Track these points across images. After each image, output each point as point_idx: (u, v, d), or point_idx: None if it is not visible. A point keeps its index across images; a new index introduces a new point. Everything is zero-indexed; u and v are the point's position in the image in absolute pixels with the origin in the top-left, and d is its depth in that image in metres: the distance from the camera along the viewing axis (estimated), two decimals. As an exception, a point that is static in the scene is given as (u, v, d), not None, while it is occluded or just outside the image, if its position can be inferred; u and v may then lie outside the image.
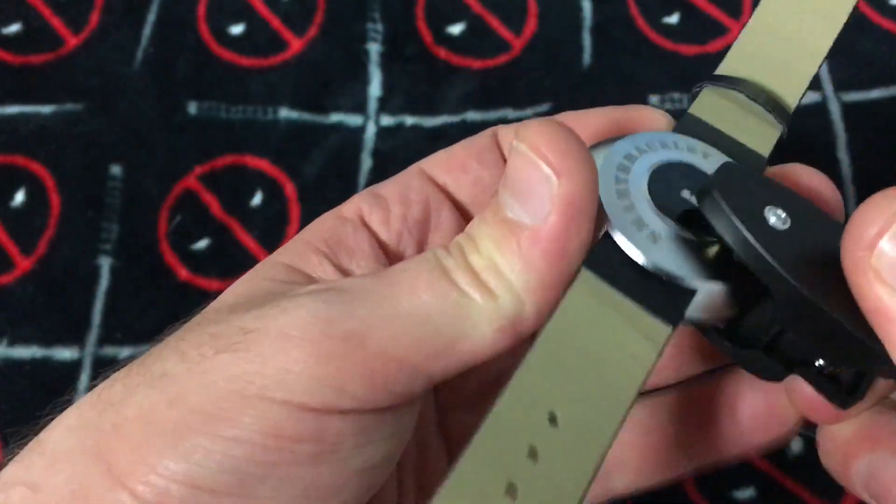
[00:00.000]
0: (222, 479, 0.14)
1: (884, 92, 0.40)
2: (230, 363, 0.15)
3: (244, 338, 0.15)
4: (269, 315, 0.15)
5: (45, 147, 0.40)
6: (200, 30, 0.43)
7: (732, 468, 0.33)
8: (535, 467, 0.14)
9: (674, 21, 0.43)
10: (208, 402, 0.14)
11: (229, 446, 0.14)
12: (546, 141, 0.15)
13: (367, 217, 0.19)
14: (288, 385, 0.14)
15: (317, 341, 0.14)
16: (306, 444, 0.14)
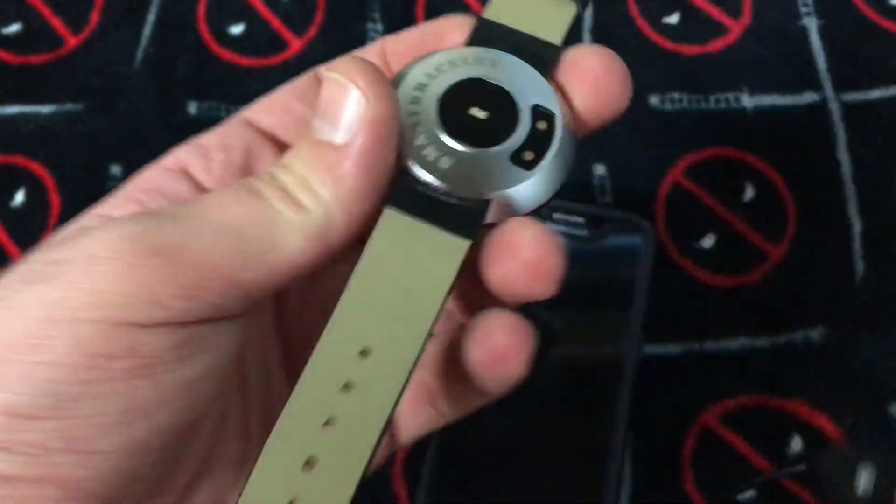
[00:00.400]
0: (40, 403, 0.14)
1: (884, 92, 0.40)
2: (41, 293, 0.15)
3: (54, 268, 0.15)
4: (78, 244, 0.15)
5: (45, 147, 0.40)
6: (200, 30, 0.43)
7: (732, 468, 0.33)
8: (348, 399, 0.16)
9: (674, 21, 0.43)
10: (21, 334, 0.15)
11: (44, 371, 0.14)
12: (355, 69, 0.17)
13: (189, 167, 0.19)
14: (98, 304, 0.14)
15: (126, 258, 0.15)
16: (120, 361, 0.15)
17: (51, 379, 0.14)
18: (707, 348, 0.35)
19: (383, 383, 0.16)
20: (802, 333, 0.35)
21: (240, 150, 0.20)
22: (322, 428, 0.16)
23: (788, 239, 0.37)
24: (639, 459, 0.34)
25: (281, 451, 0.15)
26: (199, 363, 0.16)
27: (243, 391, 0.19)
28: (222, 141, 0.20)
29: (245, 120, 0.20)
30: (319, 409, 0.16)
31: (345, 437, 0.16)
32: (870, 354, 0.35)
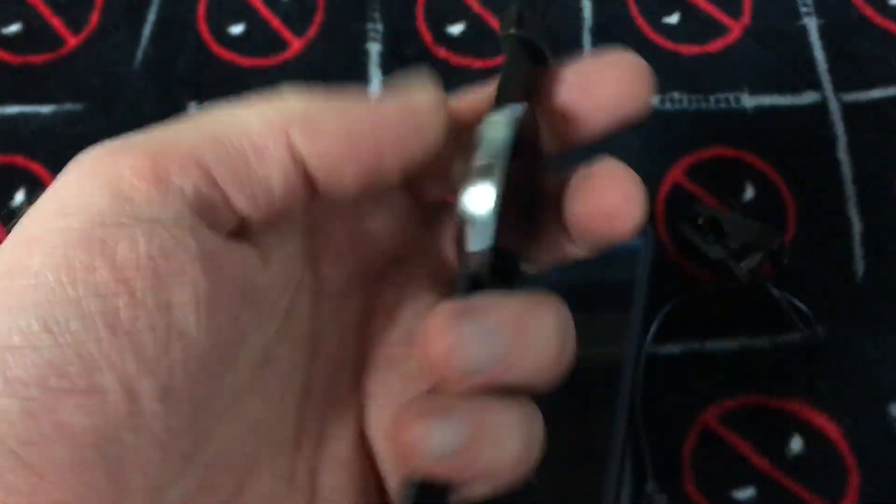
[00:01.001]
0: (25, 329, 0.14)
1: (884, 92, 0.40)
2: (25, 217, 0.15)
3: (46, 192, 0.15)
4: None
5: (44, 147, 0.40)
6: (200, 30, 0.43)
7: (732, 468, 0.33)
8: None
9: (674, 21, 0.43)
10: (5, 257, 0.14)
11: (23, 295, 0.14)
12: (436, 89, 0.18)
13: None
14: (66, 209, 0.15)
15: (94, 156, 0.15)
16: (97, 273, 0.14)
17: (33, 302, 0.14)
18: (707, 348, 0.35)
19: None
20: (802, 333, 0.35)
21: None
22: None
23: (788, 239, 0.37)
24: (639, 459, 0.34)
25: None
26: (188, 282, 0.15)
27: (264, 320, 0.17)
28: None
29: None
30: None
31: None
32: (870, 354, 0.35)
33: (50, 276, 0.14)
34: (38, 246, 0.14)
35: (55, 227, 0.14)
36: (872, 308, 0.36)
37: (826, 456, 0.33)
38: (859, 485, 0.33)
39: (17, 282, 0.14)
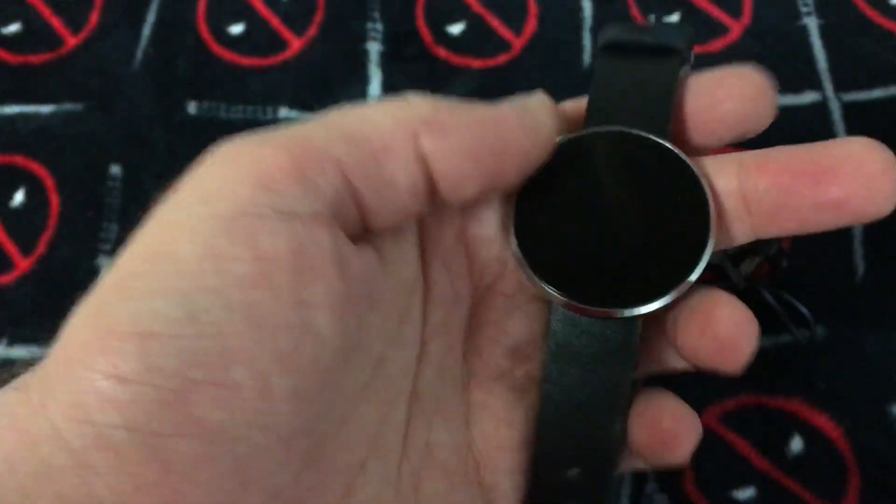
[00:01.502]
0: (171, 316, 0.14)
1: (884, 92, 0.40)
2: (167, 202, 0.15)
3: (184, 179, 0.15)
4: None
5: (44, 147, 0.40)
6: (200, 29, 0.43)
7: (732, 468, 0.33)
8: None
9: (674, 21, 0.42)
10: (147, 243, 0.14)
11: (168, 280, 0.14)
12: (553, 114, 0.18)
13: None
14: (211, 197, 0.14)
15: (234, 147, 0.15)
16: (244, 263, 0.14)
17: (179, 289, 0.14)
18: (707, 348, 0.35)
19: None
20: (804, 332, 0.35)
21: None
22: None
23: (789, 238, 0.37)
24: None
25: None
26: (322, 282, 0.14)
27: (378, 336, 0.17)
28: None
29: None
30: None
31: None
32: (871, 354, 0.35)
33: (194, 264, 0.14)
34: (181, 231, 0.14)
35: (198, 212, 0.14)
36: (873, 307, 0.36)
37: (826, 456, 0.33)
38: (860, 485, 0.33)
39: (161, 266, 0.14)
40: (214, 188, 0.14)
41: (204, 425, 0.13)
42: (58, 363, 0.14)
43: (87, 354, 0.14)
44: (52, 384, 0.14)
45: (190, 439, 0.13)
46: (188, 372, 0.13)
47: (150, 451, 0.13)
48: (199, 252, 0.14)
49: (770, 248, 0.33)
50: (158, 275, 0.14)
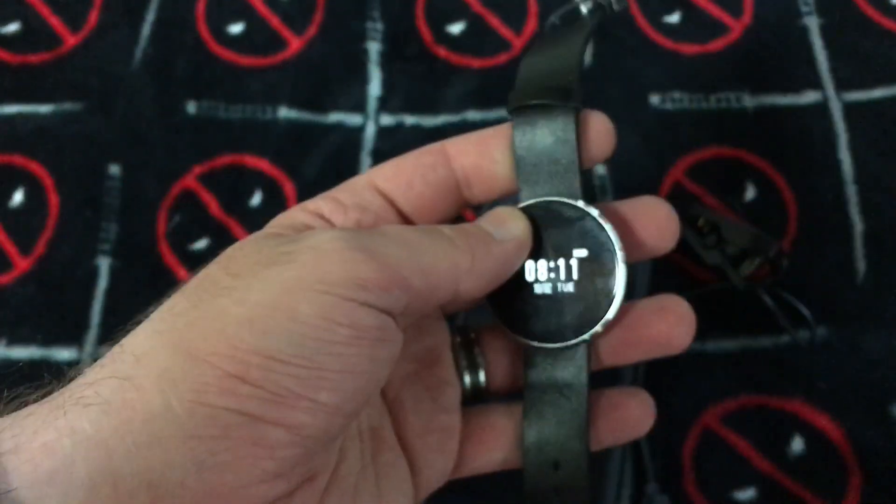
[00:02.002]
0: (291, 352, 0.19)
1: (885, 91, 0.40)
2: (281, 271, 0.19)
3: (288, 256, 0.20)
4: (302, 239, 0.20)
5: (43, 147, 0.40)
6: (199, 29, 0.43)
7: (733, 469, 0.33)
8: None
9: (674, 20, 0.42)
10: (270, 297, 0.19)
11: (295, 327, 0.19)
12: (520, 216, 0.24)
13: (327, 216, 0.23)
14: (327, 281, 0.19)
15: (343, 251, 0.20)
16: (344, 329, 0.19)
17: (300, 334, 0.19)
18: (708, 348, 0.35)
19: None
20: (804, 333, 0.35)
21: (372, 213, 0.24)
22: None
23: (789, 238, 0.37)
24: (639, 460, 0.34)
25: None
26: (386, 348, 0.21)
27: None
28: (359, 203, 0.24)
29: (374, 186, 0.24)
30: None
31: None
32: (871, 354, 0.35)
33: (311, 320, 0.19)
34: (303, 297, 0.19)
35: (318, 288, 0.19)
36: (874, 308, 0.36)
37: (827, 456, 0.33)
38: (860, 485, 0.33)
39: (286, 317, 0.19)
40: (330, 274, 0.20)
41: (296, 423, 0.19)
42: (175, 358, 0.18)
43: (216, 358, 0.18)
44: (171, 374, 0.18)
45: (282, 428, 0.18)
46: (293, 387, 0.19)
47: (253, 429, 0.18)
48: (316, 314, 0.19)
49: (770, 250, 0.33)
50: (281, 321, 0.19)
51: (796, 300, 0.35)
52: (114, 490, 0.17)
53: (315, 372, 0.19)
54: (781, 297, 0.35)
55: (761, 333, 0.35)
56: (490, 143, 0.25)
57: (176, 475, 0.17)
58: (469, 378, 0.26)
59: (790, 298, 0.35)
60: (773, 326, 0.35)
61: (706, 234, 0.35)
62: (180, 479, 0.17)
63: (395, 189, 0.24)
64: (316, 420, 0.19)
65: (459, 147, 0.25)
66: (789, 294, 0.35)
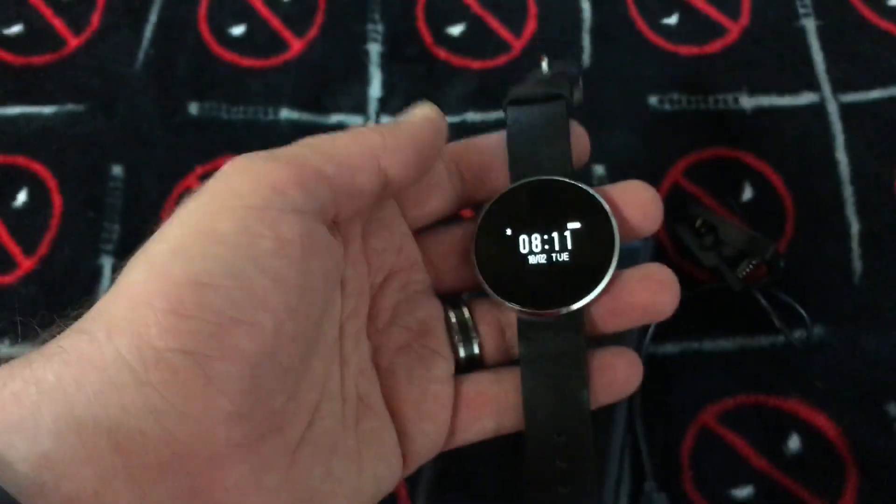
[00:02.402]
0: (216, 271, 0.19)
1: (882, 92, 0.40)
2: (197, 198, 0.20)
3: (201, 187, 0.21)
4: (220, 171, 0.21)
5: (46, 147, 0.40)
6: (201, 30, 0.43)
7: (730, 467, 0.34)
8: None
9: (673, 22, 0.43)
10: (191, 224, 0.20)
11: (215, 247, 0.19)
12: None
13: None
14: (242, 193, 0.20)
15: (253, 163, 0.21)
16: (268, 240, 0.20)
17: (224, 253, 0.19)
18: (706, 347, 0.36)
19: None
20: (801, 333, 0.35)
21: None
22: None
23: (787, 239, 0.37)
24: (637, 458, 0.34)
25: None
26: (317, 259, 0.21)
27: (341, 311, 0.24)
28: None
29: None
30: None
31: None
32: (868, 353, 0.35)
33: (233, 238, 0.19)
34: (221, 215, 0.20)
35: (233, 204, 0.20)
36: (871, 307, 0.36)
37: (824, 455, 0.33)
38: (858, 483, 0.33)
39: (206, 238, 0.19)
40: (242, 188, 0.20)
41: (238, 351, 0.19)
42: (119, 305, 0.19)
43: (151, 297, 0.19)
44: (117, 321, 0.19)
45: (227, 361, 0.19)
46: (229, 312, 0.19)
47: (199, 368, 0.18)
48: (236, 230, 0.19)
49: (766, 252, 0.33)
50: (205, 244, 0.19)
51: (793, 300, 0.35)
52: (78, 437, 0.17)
53: (247, 292, 0.19)
54: (778, 297, 0.35)
55: (758, 333, 0.36)
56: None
57: (133, 422, 0.18)
58: (463, 349, 0.27)
59: (787, 298, 0.35)
60: (771, 326, 0.35)
61: (704, 233, 0.35)
62: (138, 425, 0.18)
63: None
64: (256, 344, 0.19)
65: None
66: (786, 294, 0.35)
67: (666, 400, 0.35)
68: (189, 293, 0.19)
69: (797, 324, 0.35)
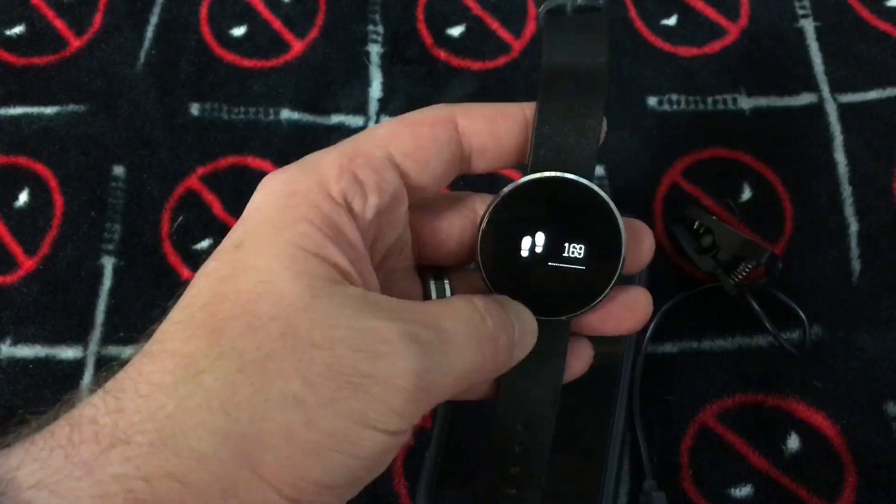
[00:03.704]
0: (341, 482, 0.20)
1: (881, 93, 0.40)
2: (349, 399, 0.20)
3: (361, 380, 0.20)
4: (378, 363, 0.20)
5: (48, 148, 0.40)
6: (202, 31, 0.43)
7: (729, 466, 0.34)
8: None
9: (672, 23, 0.43)
10: (336, 429, 0.19)
11: (351, 461, 0.20)
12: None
13: (351, 203, 0.23)
14: (388, 420, 0.20)
15: (411, 391, 0.20)
16: (389, 455, 0.21)
17: (357, 468, 0.20)
18: (705, 347, 0.36)
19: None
20: (799, 332, 0.36)
21: (389, 195, 0.24)
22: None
23: (785, 239, 0.38)
24: (637, 457, 0.34)
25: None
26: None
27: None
28: (378, 182, 0.23)
29: (394, 162, 0.24)
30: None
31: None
32: (867, 353, 0.35)
33: (370, 456, 0.20)
34: (367, 435, 0.20)
35: (380, 428, 0.20)
36: (869, 307, 0.36)
37: (823, 454, 0.34)
38: (856, 482, 0.33)
39: (346, 452, 0.20)
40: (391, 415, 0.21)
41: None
42: (242, 473, 0.19)
43: (280, 483, 0.19)
44: (236, 488, 0.19)
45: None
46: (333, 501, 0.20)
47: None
48: (374, 450, 0.20)
49: (762, 257, 0.33)
50: (343, 458, 0.20)
51: (791, 300, 0.35)
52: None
53: (355, 489, 0.21)
54: (776, 298, 0.35)
55: (757, 333, 0.36)
56: (499, 123, 0.25)
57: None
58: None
59: (785, 299, 0.35)
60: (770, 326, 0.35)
61: (702, 234, 0.36)
62: None
63: (414, 166, 0.24)
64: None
65: (471, 123, 0.25)
66: (785, 294, 0.35)
67: (666, 399, 0.35)
68: (313, 490, 0.20)
69: (795, 324, 0.35)
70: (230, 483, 0.18)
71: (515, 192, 0.24)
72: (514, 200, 0.25)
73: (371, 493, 0.34)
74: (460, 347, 0.22)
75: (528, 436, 0.25)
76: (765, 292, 0.35)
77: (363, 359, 0.20)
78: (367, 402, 0.20)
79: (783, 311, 0.35)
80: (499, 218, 0.25)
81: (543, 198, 0.24)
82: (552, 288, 0.25)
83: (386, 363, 0.20)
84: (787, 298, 0.35)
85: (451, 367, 0.21)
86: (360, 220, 0.23)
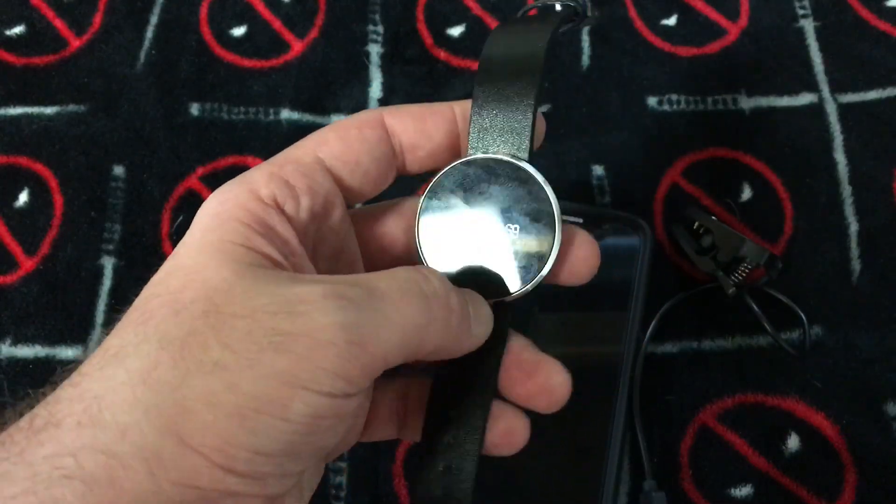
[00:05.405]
0: (274, 447, 0.19)
1: (880, 93, 0.40)
2: (274, 359, 0.19)
3: (282, 338, 0.19)
4: (298, 320, 0.20)
5: (48, 148, 0.40)
6: (202, 32, 0.43)
7: (729, 467, 0.34)
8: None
9: (672, 23, 0.43)
10: (262, 391, 0.19)
11: (282, 426, 0.19)
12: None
13: (282, 204, 0.23)
14: (320, 380, 0.19)
15: (339, 345, 0.19)
16: (328, 420, 0.20)
17: (289, 432, 0.19)
18: (705, 347, 0.36)
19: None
20: (799, 333, 0.36)
21: (322, 197, 0.24)
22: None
23: (785, 239, 0.38)
24: (637, 457, 0.34)
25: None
26: (361, 414, 0.23)
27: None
28: (309, 185, 0.24)
29: (324, 165, 0.25)
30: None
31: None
32: (866, 353, 0.35)
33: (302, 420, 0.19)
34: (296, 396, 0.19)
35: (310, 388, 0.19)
36: (868, 307, 0.36)
37: (823, 454, 0.34)
38: (856, 482, 0.33)
39: (274, 415, 0.19)
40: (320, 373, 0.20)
41: (269, 492, 0.20)
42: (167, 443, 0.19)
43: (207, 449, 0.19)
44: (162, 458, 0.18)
45: (260, 498, 0.20)
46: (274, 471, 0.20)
47: (234, 501, 0.19)
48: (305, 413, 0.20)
49: (761, 258, 0.33)
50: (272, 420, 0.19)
51: (791, 300, 0.35)
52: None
53: (294, 457, 0.20)
54: (775, 297, 0.35)
55: (757, 333, 0.36)
56: (427, 121, 0.25)
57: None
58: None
59: (784, 299, 0.35)
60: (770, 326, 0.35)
61: (702, 234, 0.36)
62: None
63: (344, 168, 0.25)
64: (288, 486, 0.20)
65: (399, 122, 0.25)
66: (784, 294, 0.35)
67: (666, 399, 0.35)
68: (245, 457, 0.19)
69: (795, 324, 0.36)
70: (154, 451, 0.18)
71: (447, 178, 0.25)
72: (447, 186, 0.25)
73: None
74: (396, 301, 0.21)
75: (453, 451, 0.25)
76: (764, 293, 0.35)
77: (283, 319, 0.19)
78: (294, 361, 0.19)
79: (783, 311, 0.35)
80: (433, 205, 0.25)
81: (475, 180, 0.24)
82: (494, 268, 0.24)
83: (305, 319, 0.20)
84: (786, 299, 0.35)
85: (386, 319, 0.20)
86: (295, 220, 0.23)
